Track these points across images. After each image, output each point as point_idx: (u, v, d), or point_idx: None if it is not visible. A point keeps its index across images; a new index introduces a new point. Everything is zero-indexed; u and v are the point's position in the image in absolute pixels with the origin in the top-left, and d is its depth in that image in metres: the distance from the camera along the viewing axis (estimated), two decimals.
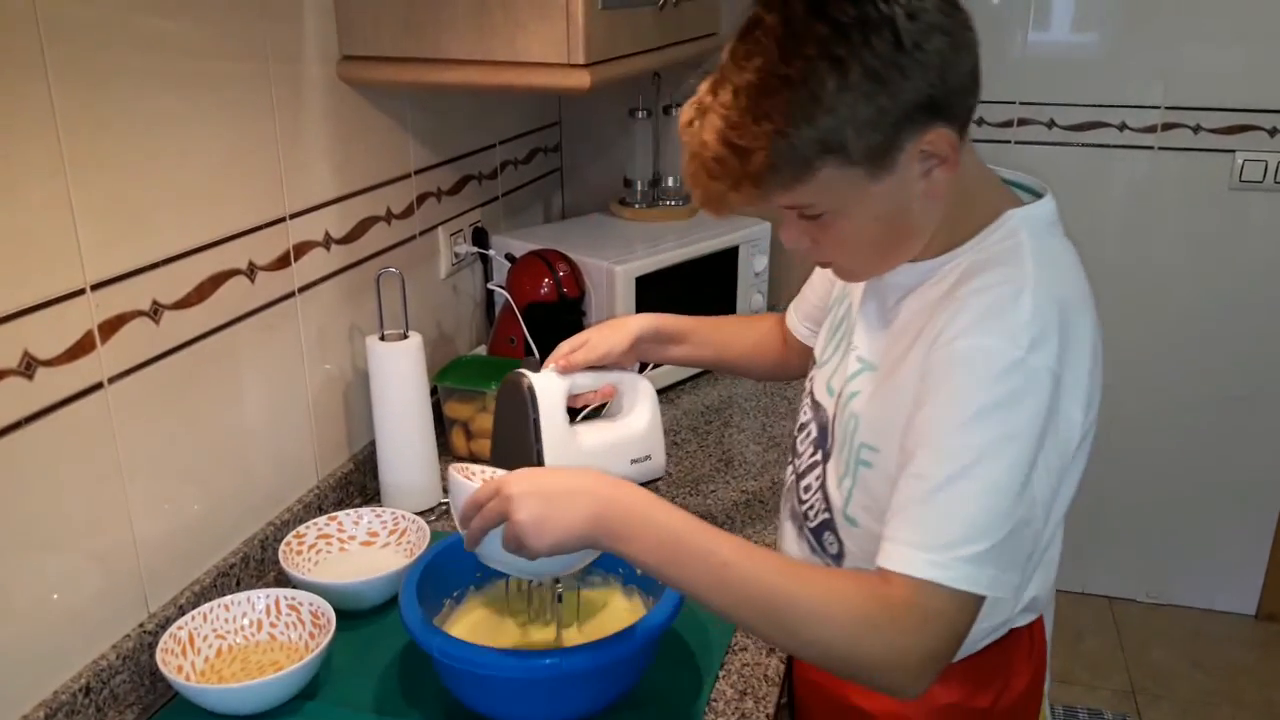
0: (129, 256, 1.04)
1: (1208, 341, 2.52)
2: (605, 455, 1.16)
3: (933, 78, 0.80)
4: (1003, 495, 0.80)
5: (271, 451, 1.30)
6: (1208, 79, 2.33)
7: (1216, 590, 2.74)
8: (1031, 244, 0.88)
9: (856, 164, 0.82)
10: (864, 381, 0.98)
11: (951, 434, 0.81)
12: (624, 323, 1.21)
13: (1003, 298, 0.83)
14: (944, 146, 0.83)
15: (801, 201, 0.86)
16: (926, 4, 0.80)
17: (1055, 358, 0.82)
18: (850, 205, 0.86)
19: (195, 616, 1.09)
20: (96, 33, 0.97)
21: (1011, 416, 0.80)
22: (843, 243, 0.91)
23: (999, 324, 0.82)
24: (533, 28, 1.28)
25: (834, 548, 1.02)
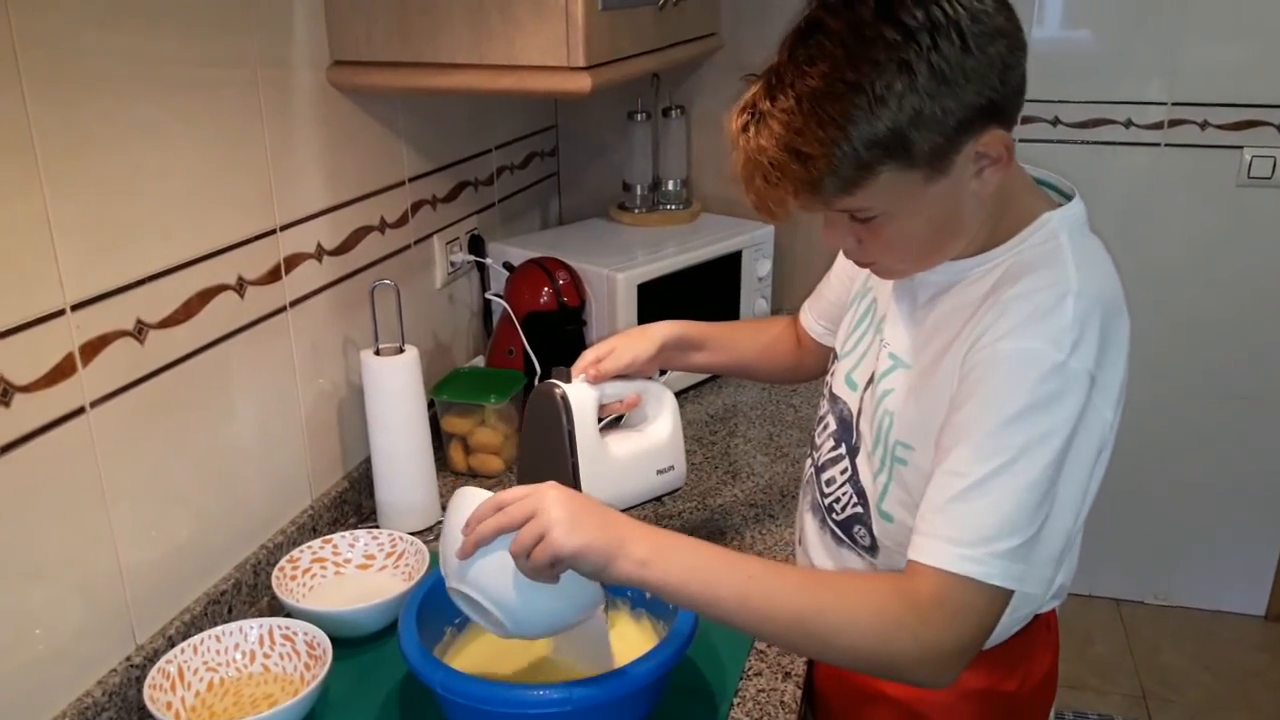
0: (111, 274, 0.99)
1: (1216, 340, 2.48)
2: (633, 466, 1.13)
3: (994, 80, 0.81)
4: (1038, 493, 0.81)
5: (263, 472, 1.25)
6: (1215, 74, 2.29)
7: (1226, 592, 2.71)
8: (1071, 246, 0.88)
9: (917, 167, 0.82)
10: (897, 379, 0.97)
11: (991, 433, 0.82)
12: (648, 330, 1.19)
13: (1047, 301, 0.83)
14: (999, 148, 0.84)
15: (858, 205, 0.86)
16: (987, 6, 0.81)
17: (1094, 359, 0.83)
18: (905, 207, 0.86)
19: (185, 649, 1.04)
20: (74, 39, 0.93)
21: (1049, 417, 0.81)
22: (891, 244, 0.90)
23: (1043, 327, 0.82)
24: (531, 30, 1.23)
25: (865, 540, 1.03)
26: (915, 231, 0.89)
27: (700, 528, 1.37)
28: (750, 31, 2.00)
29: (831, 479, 1.07)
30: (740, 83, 0.89)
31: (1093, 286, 0.85)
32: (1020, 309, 0.84)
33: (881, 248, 0.91)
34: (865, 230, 0.89)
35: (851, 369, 1.06)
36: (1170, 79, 2.31)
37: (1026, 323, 0.83)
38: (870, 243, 0.91)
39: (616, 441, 1.13)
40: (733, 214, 2.01)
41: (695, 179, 2.10)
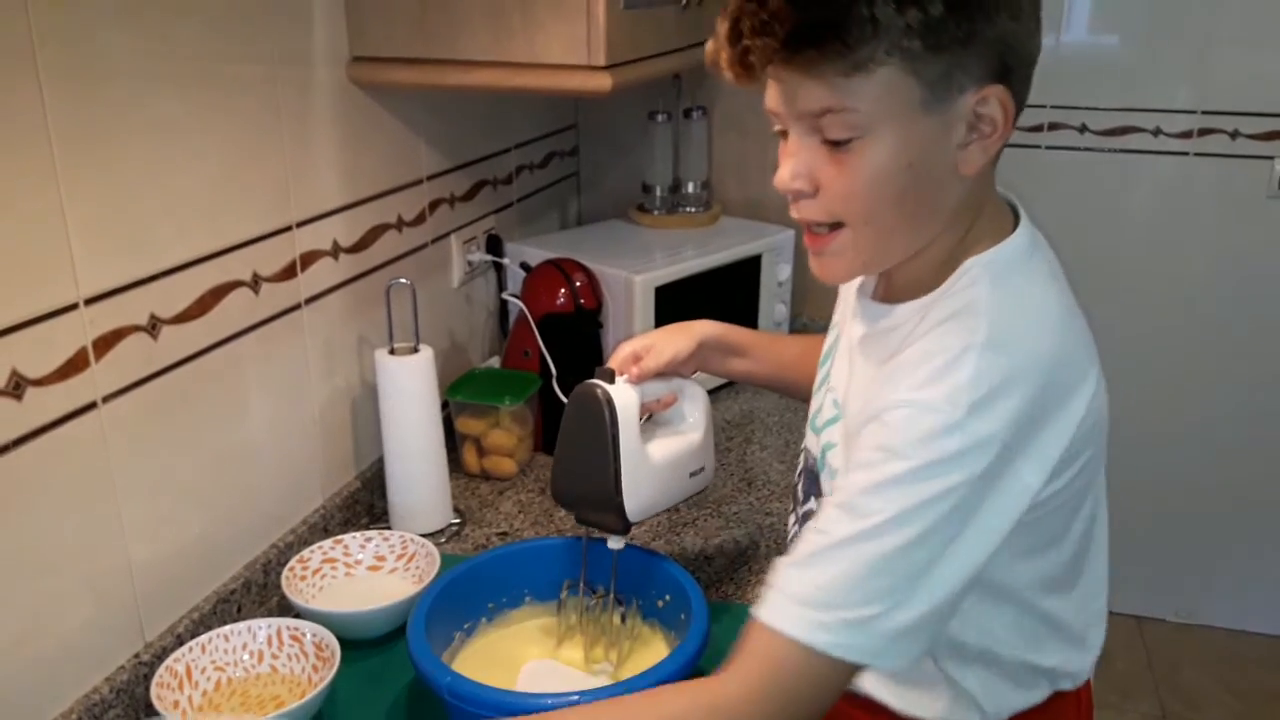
0: (125, 269, 0.99)
1: (1243, 353, 2.44)
2: (670, 470, 1.10)
3: (1017, 29, 0.75)
4: (907, 563, 0.74)
5: (275, 470, 1.25)
6: (1245, 82, 2.26)
7: (1249, 610, 2.66)
8: (992, 297, 0.79)
9: (920, 79, 0.74)
10: (836, 431, 0.91)
11: (866, 493, 0.75)
12: (689, 327, 1.14)
13: (946, 358, 0.75)
14: (998, 110, 0.76)
15: (843, 103, 0.75)
16: None
17: (1007, 423, 0.74)
18: (891, 129, 0.76)
19: (193, 648, 1.04)
20: (92, 33, 0.92)
21: (932, 485, 0.73)
22: (859, 186, 0.78)
23: (938, 386, 0.74)
24: (552, 28, 1.22)
25: None
26: (891, 176, 0.77)
27: (714, 535, 1.36)
28: None
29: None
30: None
31: (1019, 341, 0.76)
32: (918, 365, 0.77)
33: (843, 197, 0.79)
34: (834, 161, 0.78)
35: (815, 414, 0.99)
36: (1200, 87, 2.28)
37: (922, 381, 0.75)
38: (835, 181, 0.79)
39: (654, 445, 1.09)
40: (753, 217, 1.99)
41: (716, 181, 2.08)
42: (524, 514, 1.42)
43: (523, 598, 1.14)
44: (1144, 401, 2.48)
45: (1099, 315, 0.84)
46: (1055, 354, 0.77)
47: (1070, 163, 2.35)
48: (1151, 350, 2.45)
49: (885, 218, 0.81)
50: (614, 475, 1.03)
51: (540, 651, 1.09)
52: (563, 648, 1.10)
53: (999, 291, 0.79)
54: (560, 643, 1.10)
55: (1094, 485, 0.86)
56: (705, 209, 1.97)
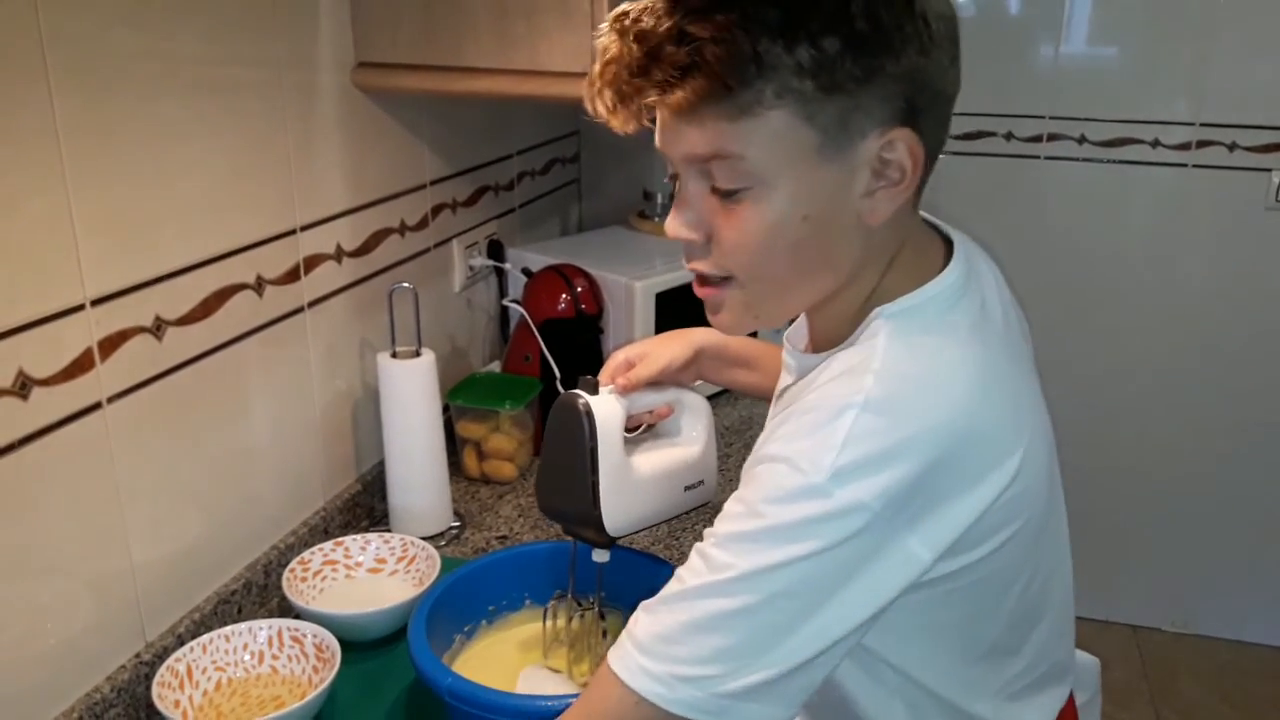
0: (131, 271, 0.99)
1: (1241, 363, 2.45)
2: (659, 485, 1.05)
3: (924, 65, 0.69)
4: (745, 624, 0.68)
5: (277, 472, 1.25)
6: (1244, 95, 2.27)
7: (1245, 620, 2.67)
8: (887, 353, 0.71)
9: (815, 126, 0.68)
10: None
11: (721, 545, 0.69)
12: (686, 334, 1.10)
13: (822, 415, 0.68)
14: (905, 155, 0.70)
15: (730, 149, 0.70)
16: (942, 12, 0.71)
17: (877, 494, 0.66)
18: (785, 179, 0.70)
19: (194, 648, 1.04)
20: (100, 38, 0.93)
21: (790, 549, 0.66)
22: (749, 240, 0.73)
23: (805, 443, 0.68)
24: (556, 37, 1.23)
25: None
26: (782, 229, 0.72)
27: None
28: None
29: None
30: None
31: (908, 408, 0.68)
32: (799, 418, 0.70)
33: (735, 248, 0.74)
34: (724, 213, 0.73)
35: None
36: (1198, 99, 2.29)
37: (792, 435, 0.69)
38: (727, 235, 0.73)
39: (643, 458, 1.06)
40: None
41: None
42: (524, 518, 1.42)
43: (522, 601, 1.14)
44: (1142, 411, 2.49)
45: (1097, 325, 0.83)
46: (956, 430, 0.68)
47: (1069, 173, 2.36)
48: (1149, 360, 2.46)
49: (777, 273, 0.75)
50: (592, 488, 0.99)
51: (539, 656, 1.09)
52: (548, 659, 1.08)
53: (897, 347, 0.72)
54: (546, 654, 1.09)
55: (1034, 553, 0.78)
56: None
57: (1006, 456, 0.71)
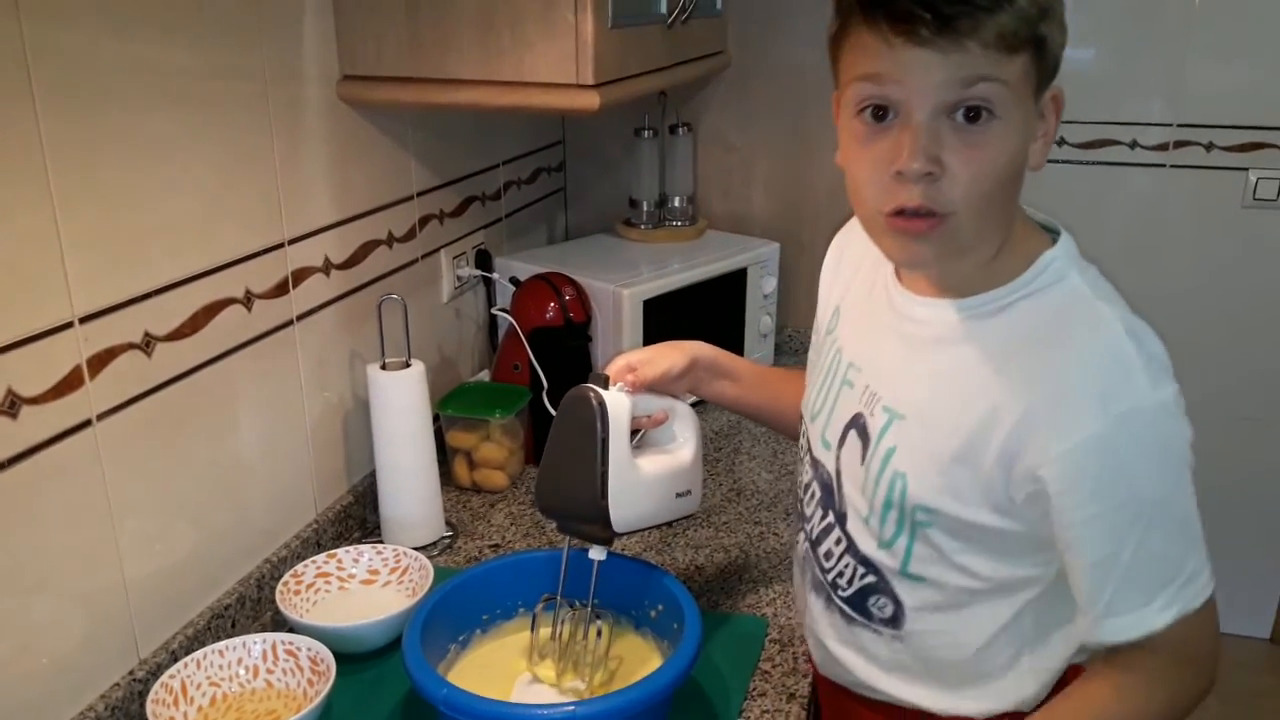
0: (119, 287, 0.99)
1: (1221, 361, 2.47)
2: (658, 485, 1.08)
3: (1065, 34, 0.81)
4: (1192, 519, 0.84)
5: (268, 485, 1.25)
6: (1220, 95, 2.29)
7: (1230, 614, 2.66)
8: (1084, 281, 0.86)
9: (1038, 71, 0.79)
10: (900, 434, 0.90)
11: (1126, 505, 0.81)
12: (684, 345, 1.14)
13: (1110, 364, 0.81)
14: (1052, 110, 0.83)
15: (999, 74, 0.76)
16: None
17: (1165, 375, 0.83)
18: (1018, 113, 0.79)
19: (188, 663, 1.04)
20: (86, 54, 0.93)
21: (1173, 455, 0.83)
22: (987, 169, 0.79)
23: (1126, 389, 0.80)
24: (540, 48, 1.24)
25: (888, 609, 0.95)
26: (1009, 161, 0.79)
27: (705, 545, 1.37)
28: (757, 50, 2.01)
29: (829, 552, 0.99)
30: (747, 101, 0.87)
31: (1118, 309, 0.84)
32: (1085, 378, 0.81)
33: (968, 181, 0.78)
34: (964, 145, 0.78)
35: (825, 428, 0.99)
36: (1175, 100, 2.31)
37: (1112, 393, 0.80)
38: (963, 167, 0.78)
39: (645, 458, 1.08)
40: (739, 231, 2.01)
41: (701, 196, 2.10)
42: (515, 526, 1.43)
43: (516, 609, 1.14)
44: None
45: None
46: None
47: (1049, 174, 2.37)
48: None
49: (993, 209, 0.82)
50: (601, 479, 1.01)
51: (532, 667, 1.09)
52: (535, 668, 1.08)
53: (1087, 279, 0.86)
54: (535, 661, 1.09)
55: None
56: (691, 223, 1.99)
57: None
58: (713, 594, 1.26)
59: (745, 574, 1.31)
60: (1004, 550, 0.88)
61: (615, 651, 1.09)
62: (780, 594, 1.26)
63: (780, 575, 1.30)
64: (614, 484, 1.02)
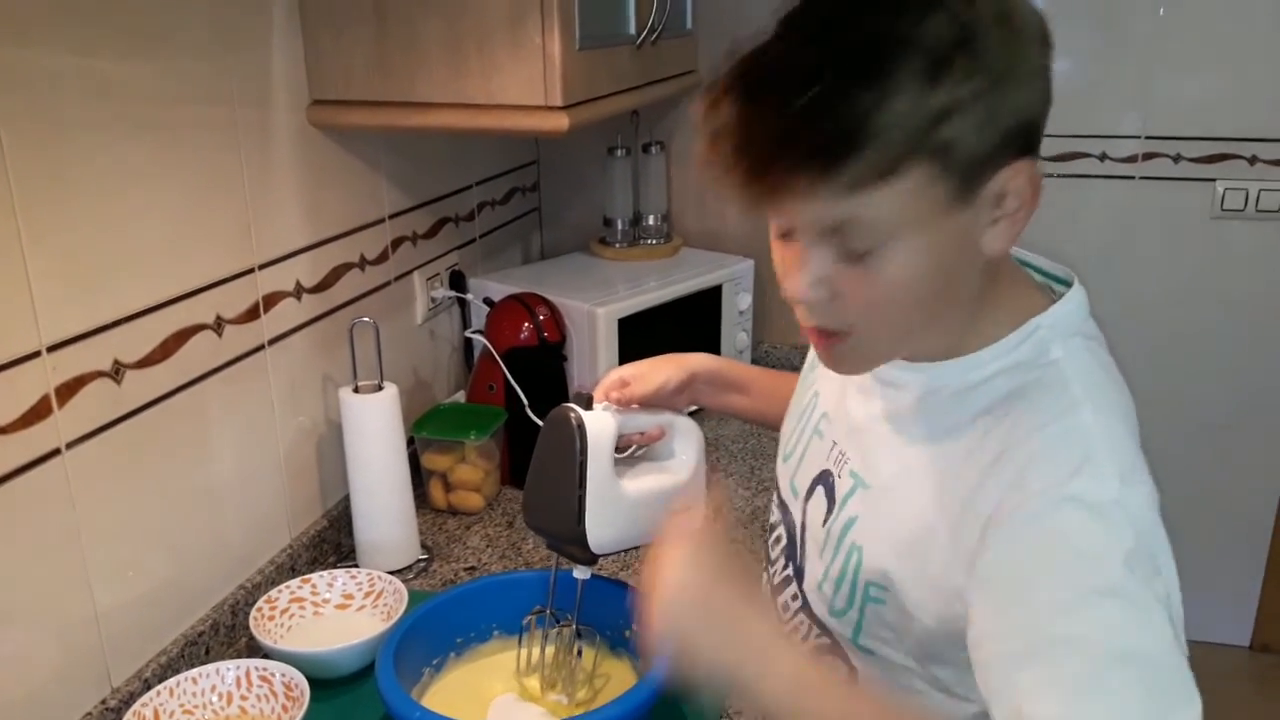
0: (88, 315, 0.99)
1: (1192, 370, 2.50)
2: (646, 506, 1.05)
3: (1038, 98, 0.69)
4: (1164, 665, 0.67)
5: (241, 511, 1.25)
6: (1187, 108, 2.33)
7: (1210, 622, 2.71)
8: (1066, 356, 0.75)
9: (949, 177, 0.67)
10: (862, 503, 0.83)
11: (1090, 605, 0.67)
12: (682, 358, 1.10)
13: (1065, 443, 0.70)
14: (1026, 185, 0.69)
15: (864, 215, 0.67)
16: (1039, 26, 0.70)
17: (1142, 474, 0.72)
18: (919, 235, 0.69)
19: (161, 691, 1.03)
20: (52, 80, 0.93)
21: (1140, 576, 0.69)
22: (878, 299, 0.72)
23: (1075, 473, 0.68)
24: (509, 70, 1.25)
25: (842, 671, 0.86)
26: (916, 282, 0.70)
27: None
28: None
29: (786, 604, 0.93)
30: None
31: (1097, 394, 0.74)
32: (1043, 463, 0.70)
33: (864, 306, 0.72)
34: (851, 276, 0.71)
35: (794, 474, 0.94)
36: (1144, 112, 2.35)
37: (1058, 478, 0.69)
38: (852, 296, 0.72)
39: (632, 478, 1.06)
40: (713, 248, 2.02)
41: (675, 214, 2.11)
42: (491, 548, 1.42)
43: (490, 632, 1.14)
44: None
45: None
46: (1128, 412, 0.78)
47: None
48: None
49: (905, 322, 0.74)
50: (578, 502, 1.00)
51: (507, 686, 1.10)
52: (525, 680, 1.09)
53: (1075, 356, 0.75)
54: (521, 675, 1.09)
55: None
56: (666, 241, 2.00)
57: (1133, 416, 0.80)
58: None
59: None
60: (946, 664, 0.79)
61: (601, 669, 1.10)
62: None
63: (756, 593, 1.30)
64: (592, 506, 1.01)
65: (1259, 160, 2.32)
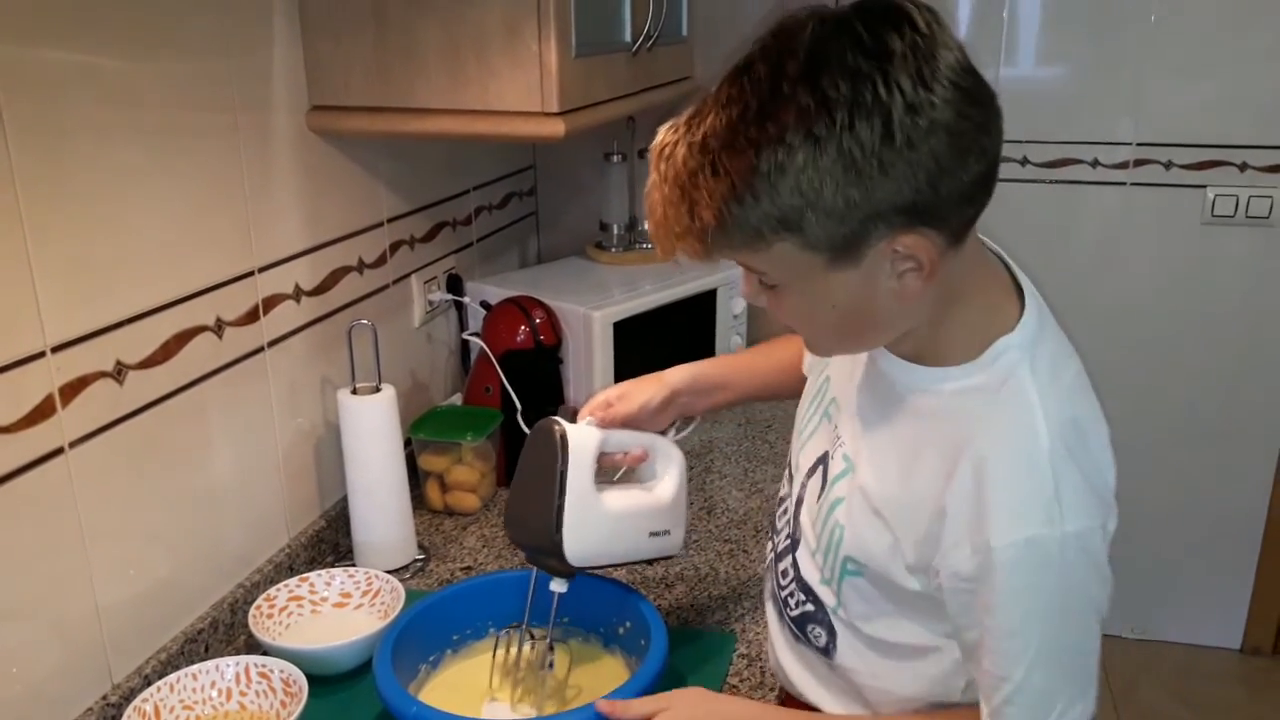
0: (91, 316, 1.01)
1: (1184, 375, 2.52)
2: (625, 523, 1.08)
3: (920, 181, 0.72)
4: (1082, 655, 0.82)
5: (241, 511, 1.26)
6: (1178, 115, 2.35)
7: (1201, 625, 2.73)
8: (1034, 384, 0.81)
9: (817, 250, 0.75)
10: (848, 486, 0.91)
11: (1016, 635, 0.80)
12: (661, 376, 1.14)
13: (1024, 481, 0.78)
14: (920, 253, 0.75)
15: (753, 267, 0.80)
16: (936, 97, 0.70)
17: (1082, 505, 0.78)
18: (805, 285, 0.79)
19: (161, 687, 1.05)
20: (57, 86, 0.95)
21: (1075, 593, 0.80)
22: (797, 319, 0.84)
23: (1029, 514, 0.77)
24: (506, 76, 1.27)
25: (822, 639, 0.96)
26: (820, 315, 0.81)
27: (676, 563, 1.39)
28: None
29: (785, 570, 1.01)
30: None
31: (1059, 421, 0.79)
32: (1002, 495, 0.78)
33: (787, 318, 0.84)
34: (772, 297, 0.82)
35: (801, 451, 1.01)
36: (1135, 119, 2.37)
37: (1015, 514, 0.78)
38: (778, 309, 0.83)
39: (613, 495, 1.08)
40: None
41: None
42: (487, 548, 1.44)
43: (486, 630, 1.16)
44: None
45: None
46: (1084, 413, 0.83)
47: (1013, 193, 2.43)
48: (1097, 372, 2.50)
49: (836, 335, 0.86)
50: (557, 512, 1.02)
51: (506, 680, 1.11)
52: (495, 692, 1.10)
53: (1037, 370, 0.81)
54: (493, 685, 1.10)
55: None
56: None
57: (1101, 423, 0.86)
58: (683, 611, 1.28)
59: (715, 591, 1.33)
60: (926, 614, 0.88)
61: (583, 669, 1.11)
62: (749, 610, 1.28)
63: (749, 592, 1.32)
64: (570, 517, 1.02)
65: (1249, 167, 2.34)
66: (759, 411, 1.89)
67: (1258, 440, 2.53)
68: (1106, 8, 2.31)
